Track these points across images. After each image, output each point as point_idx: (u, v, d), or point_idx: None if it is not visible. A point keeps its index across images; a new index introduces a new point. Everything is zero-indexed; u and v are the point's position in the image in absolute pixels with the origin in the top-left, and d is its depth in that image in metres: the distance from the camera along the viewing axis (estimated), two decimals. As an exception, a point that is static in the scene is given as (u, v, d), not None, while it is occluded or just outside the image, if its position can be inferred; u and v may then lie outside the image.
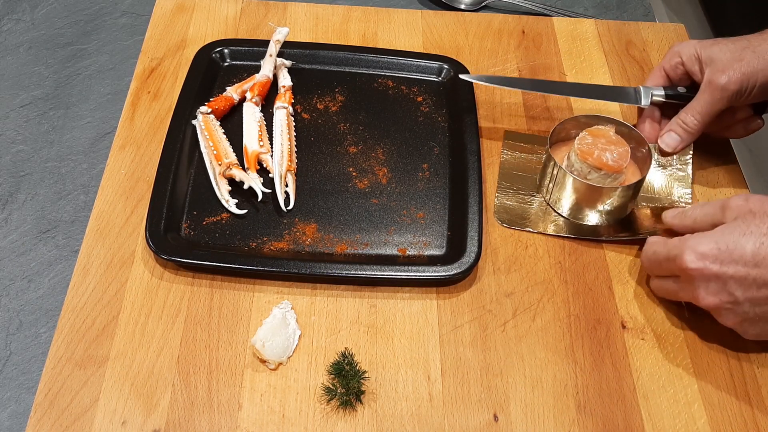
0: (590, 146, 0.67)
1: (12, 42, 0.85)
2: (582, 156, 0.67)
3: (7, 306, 0.64)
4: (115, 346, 0.60)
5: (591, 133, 0.68)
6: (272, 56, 0.78)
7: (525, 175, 0.74)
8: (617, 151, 0.67)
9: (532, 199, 0.72)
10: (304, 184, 0.71)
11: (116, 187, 0.70)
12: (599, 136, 0.68)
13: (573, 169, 0.68)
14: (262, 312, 0.63)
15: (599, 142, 0.67)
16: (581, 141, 0.68)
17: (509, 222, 0.70)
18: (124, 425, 0.56)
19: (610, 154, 0.67)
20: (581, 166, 0.67)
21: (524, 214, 0.71)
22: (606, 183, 0.67)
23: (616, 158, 0.67)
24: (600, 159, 0.66)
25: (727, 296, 0.57)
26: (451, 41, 0.87)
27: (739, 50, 0.67)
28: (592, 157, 0.67)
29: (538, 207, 0.71)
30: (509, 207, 0.71)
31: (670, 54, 0.73)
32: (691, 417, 0.59)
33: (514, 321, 0.64)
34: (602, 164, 0.66)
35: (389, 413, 0.58)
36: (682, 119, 0.71)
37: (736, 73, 0.66)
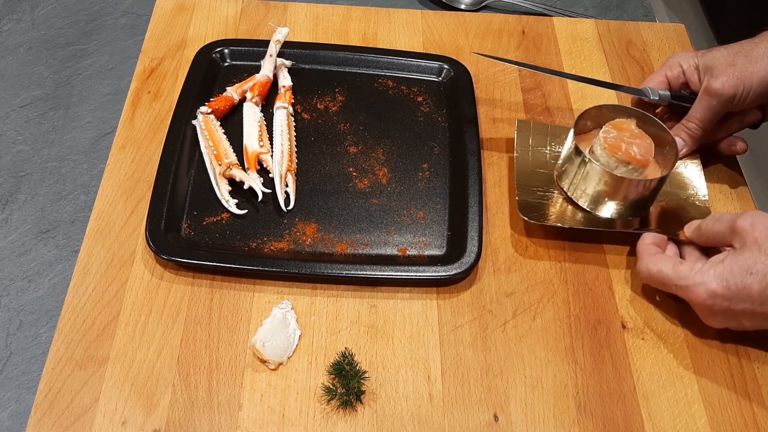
0: (617, 140, 0.67)
1: (12, 42, 0.85)
2: (610, 150, 0.67)
3: (8, 306, 0.64)
4: (115, 346, 0.60)
5: (615, 127, 0.68)
6: (272, 56, 0.78)
7: (541, 171, 0.73)
8: (643, 145, 0.67)
9: (552, 195, 0.71)
10: (304, 184, 0.71)
11: (116, 188, 0.70)
12: (623, 130, 0.68)
13: (599, 163, 0.67)
14: (262, 312, 0.63)
15: (624, 136, 0.67)
16: (606, 135, 0.68)
17: (536, 218, 0.68)
18: (125, 425, 0.56)
19: (636, 148, 0.66)
20: (608, 160, 0.67)
21: (546, 210, 0.70)
22: (633, 176, 0.67)
23: (643, 152, 0.66)
24: (628, 153, 0.66)
25: (735, 323, 0.59)
26: (451, 41, 0.87)
27: (732, 55, 0.69)
28: (621, 151, 0.66)
29: (559, 202, 0.71)
30: (533, 203, 0.70)
31: (671, 63, 0.74)
32: (692, 417, 0.59)
33: (514, 321, 0.64)
34: (630, 158, 0.66)
35: (389, 413, 0.58)
36: (684, 125, 0.72)
37: (730, 78, 0.68)
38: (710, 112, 0.70)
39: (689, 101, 0.72)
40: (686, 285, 0.59)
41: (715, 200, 0.74)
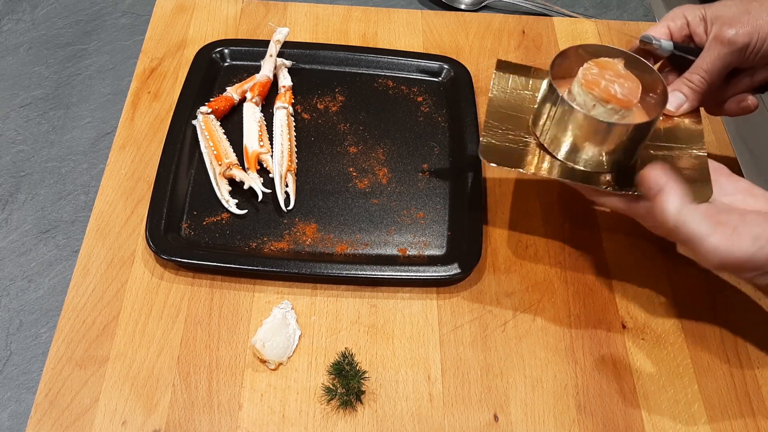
0: (596, 76, 0.60)
1: (12, 42, 0.85)
2: (587, 86, 0.59)
3: (8, 306, 0.64)
4: (115, 346, 0.60)
5: (597, 64, 0.61)
6: (272, 56, 0.78)
7: (517, 115, 0.65)
8: (627, 85, 0.59)
9: (524, 141, 0.63)
10: (304, 184, 0.71)
11: (116, 187, 0.70)
12: (607, 68, 0.61)
13: (576, 103, 0.60)
14: (263, 312, 0.63)
15: (607, 74, 0.60)
16: (586, 71, 0.60)
17: (498, 161, 0.60)
18: (125, 425, 0.56)
19: (619, 87, 0.59)
20: (585, 99, 0.60)
21: (514, 156, 0.62)
22: (613, 120, 0.59)
23: (626, 92, 0.59)
24: (608, 90, 0.59)
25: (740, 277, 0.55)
26: (451, 41, 0.87)
27: (747, 3, 0.63)
28: (599, 87, 0.59)
29: (531, 150, 0.63)
30: (498, 147, 0.62)
31: (674, 14, 0.66)
32: (692, 417, 0.59)
33: (514, 321, 0.64)
34: (610, 96, 0.58)
35: (389, 413, 0.58)
36: (687, 78, 0.65)
37: (745, 26, 0.61)
38: (719, 64, 0.63)
39: (695, 54, 0.65)
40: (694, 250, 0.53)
41: (715, 200, 0.74)
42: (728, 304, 0.66)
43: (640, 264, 0.68)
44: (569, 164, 0.62)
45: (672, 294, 0.66)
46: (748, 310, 0.66)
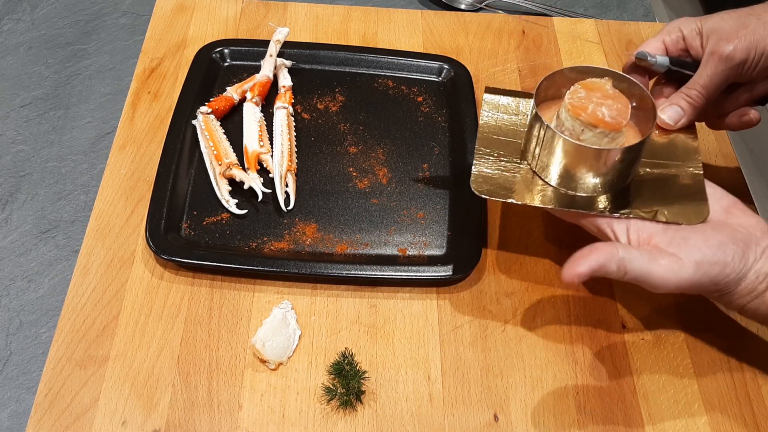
0: (583, 100, 0.58)
1: (12, 42, 0.85)
2: (574, 111, 0.57)
3: (8, 306, 0.64)
4: (115, 346, 0.60)
5: (585, 86, 0.59)
6: (272, 56, 0.78)
7: (508, 140, 0.64)
8: (616, 107, 0.57)
9: (516, 168, 0.62)
10: (304, 184, 0.71)
11: (116, 187, 0.70)
12: (594, 90, 0.59)
13: (563, 129, 0.59)
14: (263, 312, 0.63)
15: (594, 96, 0.58)
16: (573, 95, 0.58)
17: (489, 192, 0.60)
18: (125, 425, 0.56)
19: (607, 110, 0.57)
20: (573, 124, 0.58)
21: (506, 184, 0.61)
22: (602, 144, 0.58)
23: (614, 114, 0.57)
24: (595, 114, 0.57)
25: None
26: (451, 41, 0.87)
27: (744, 17, 0.61)
28: (586, 112, 0.57)
29: (523, 176, 0.62)
30: (489, 176, 0.61)
31: (670, 28, 0.66)
32: (692, 417, 0.59)
33: (514, 321, 0.64)
34: (598, 120, 0.57)
35: (389, 413, 0.58)
36: (685, 92, 0.64)
37: (742, 41, 0.60)
38: (717, 79, 0.62)
39: (691, 68, 0.64)
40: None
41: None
42: (728, 304, 0.66)
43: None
44: (562, 190, 0.61)
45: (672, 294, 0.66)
46: (748, 310, 0.65)
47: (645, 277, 0.53)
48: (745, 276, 0.54)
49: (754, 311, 0.55)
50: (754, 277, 0.54)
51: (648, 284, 0.54)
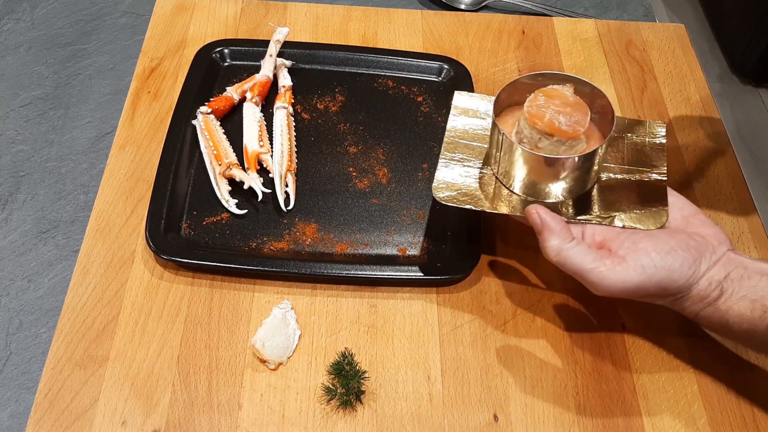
0: (541, 108, 0.57)
1: (12, 42, 0.85)
2: (530, 120, 0.57)
3: (7, 306, 0.64)
4: (115, 346, 0.60)
5: (545, 94, 0.59)
6: (272, 56, 0.78)
7: (474, 144, 0.64)
8: (574, 115, 0.57)
9: (480, 174, 0.62)
10: (304, 184, 0.71)
11: (116, 187, 0.70)
12: (554, 97, 0.58)
13: (523, 137, 0.59)
14: (262, 312, 0.63)
15: (553, 104, 0.58)
16: (532, 103, 0.58)
17: (450, 199, 0.60)
18: (124, 425, 0.56)
19: (564, 117, 0.57)
20: (531, 133, 0.58)
21: (468, 191, 0.61)
22: (560, 152, 0.58)
23: (572, 122, 0.57)
24: (551, 123, 0.57)
25: None
26: (451, 41, 0.87)
27: None
28: (542, 120, 0.57)
29: (486, 182, 0.62)
30: (451, 182, 0.61)
31: None
32: (691, 417, 0.59)
33: (514, 321, 0.64)
34: (554, 129, 0.57)
35: (389, 413, 0.58)
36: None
37: None
38: None
39: None
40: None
41: (714, 200, 0.74)
42: (728, 304, 0.66)
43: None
44: (524, 197, 0.61)
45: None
46: (748, 310, 0.65)
47: (583, 273, 0.54)
48: (696, 283, 0.54)
49: (708, 319, 0.55)
50: (706, 284, 0.54)
51: (586, 281, 0.55)
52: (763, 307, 0.53)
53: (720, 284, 0.54)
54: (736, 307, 0.53)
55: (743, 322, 0.53)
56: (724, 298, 0.54)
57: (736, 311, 0.53)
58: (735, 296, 0.54)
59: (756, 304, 0.53)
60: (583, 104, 0.59)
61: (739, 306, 0.53)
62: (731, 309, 0.54)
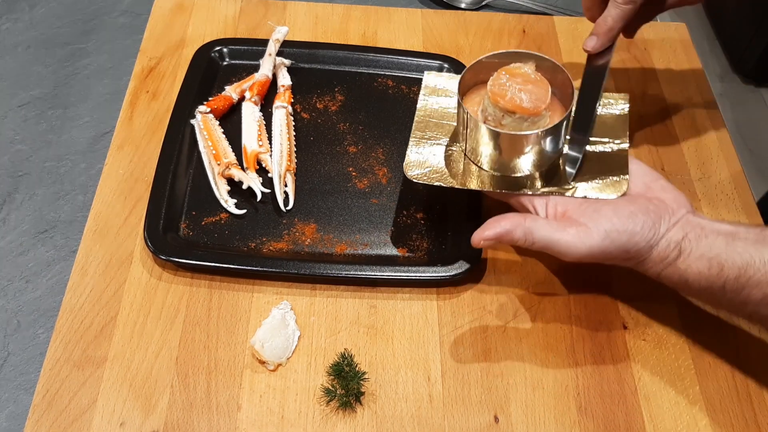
0: (503, 87, 0.59)
1: (10, 42, 0.85)
2: (493, 99, 0.59)
3: (5, 307, 0.63)
4: (113, 347, 0.60)
5: (507, 72, 0.61)
6: (271, 55, 0.78)
7: (443, 123, 0.66)
8: (535, 91, 0.59)
9: (450, 151, 0.64)
10: (303, 184, 0.71)
11: (114, 188, 0.70)
12: (516, 76, 0.60)
13: (487, 114, 0.61)
14: (262, 312, 0.62)
15: (515, 82, 0.60)
16: (494, 81, 0.60)
17: (419, 177, 0.62)
18: (123, 426, 0.56)
19: (526, 95, 0.59)
20: (494, 111, 0.60)
21: (438, 168, 0.63)
22: (523, 128, 0.59)
23: (533, 98, 0.59)
24: (513, 101, 0.59)
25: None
26: (451, 41, 0.87)
27: None
28: (504, 99, 0.59)
29: (455, 159, 0.63)
30: (422, 161, 0.63)
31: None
32: (693, 418, 0.59)
33: (514, 322, 0.63)
34: (515, 106, 0.58)
35: (389, 414, 0.58)
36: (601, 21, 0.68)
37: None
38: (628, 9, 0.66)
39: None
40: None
41: (716, 200, 0.74)
42: (730, 304, 0.66)
43: (641, 264, 0.68)
44: (492, 172, 0.63)
45: (673, 294, 0.66)
46: (749, 311, 0.65)
47: (551, 245, 0.57)
48: (656, 244, 0.57)
49: (669, 279, 0.58)
50: (666, 245, 0.57)
51: (555, 251, 0.57)
52: (719, 265, 0.55)
53: (678, 245, 0.56)
54: (694, 266, 0.56)
55: (701, 279, 0.55)
56: (683, 257, 0.56)
57: (695, 270, 0.56)
58: (693, 255, 0.56)
59: (713, 262, 0.55)
60: (544, 81, 0.61)
61: (697, 265, 0.55)
62: (690, 268, 0.56)
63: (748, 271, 0.54)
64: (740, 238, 0.55)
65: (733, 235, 0.56)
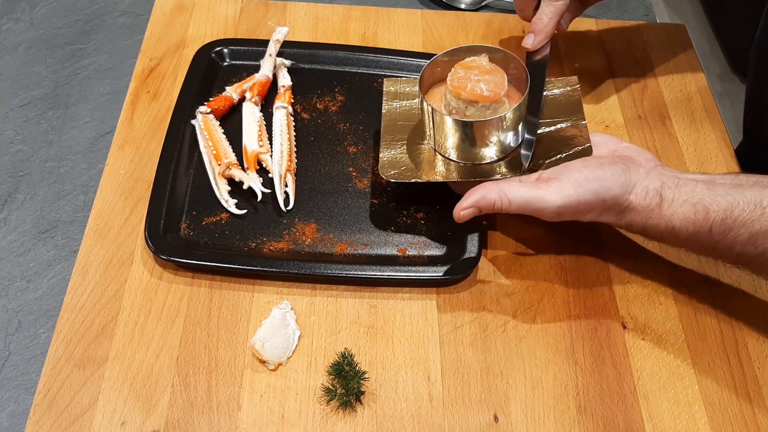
0: (462, 80, 0.64)
1: (11, 42, 0.85)
2: (455, 91, 0.63)
3: (6, 306, 0.64)
4: (114, 347, 0.60)
5: (463, 66, 0.65)
6: (272, 56, 0.78)
7: (409, 123, 0.70)
8: (492, 80, 0.64)
9: (419, 149, 0.68)
10: (303, 184, 0.71)
11: (115, 187, 0.70)
12: (472, 68, 0.65)
13: (451, 108, 0.64)
14: (262, 312, 0.63)
15: (472, 74, 0.64)
16: (453, 76, 0.64)
17: (396, 176, 0.66)
18: (124, 426, 0.56)
19: (485, 84, 0.63)
20: (458, 103, 0.64)
21: (411, 165, 0.67)
22: (487, 115, 0.64)
23: (491, 87, 0.63)
24: (474, 91, 0.63)
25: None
26: (451, 41, 0.87)
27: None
28: (465, 90, 0.63)
29: (426, 156, 0.67)
30: (395, 160, 0.67)
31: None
32: (692, 417, 0.59)
33: (514, 321, 0.64)
34: (476, 96, 0.63)
35: (389, 414, 0.58)
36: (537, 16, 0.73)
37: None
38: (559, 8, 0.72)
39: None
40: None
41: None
42: (729, 304, 0.66)
43: (640, 264, 0.68)
44: (462, 163, 0.66)
45: (672, 294, 0.66)
46: (749, 311, 0.65)
47: (527, 203, 0.59)
48: (631, 191, 0.58)
49: (655, 229, 0.59)
50: (644, 192, 0.58)
51: (533, 209, 0.59)
52: (705, 209, 0.56)
53: (658, 192, 0.58)
54: (680, 212, 0.57)
55: (688, 225, 0.57)
56: (666, 204, 0.57)
57: (681, 216, 0.57)
58: (676, 202, 0.57)
59: (698, 207, 0.56)
60: (499, 69, 0.65)
61: (682, 210, 0.57)
62: (675, 214, 0.57)
63: (733, 212, 0.55)
64: (719, 184, 0.57)
65: (711, 182, 0.57)
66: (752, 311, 0.65)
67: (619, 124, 0.79)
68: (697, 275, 0.67)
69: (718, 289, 0.67)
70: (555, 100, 0.70)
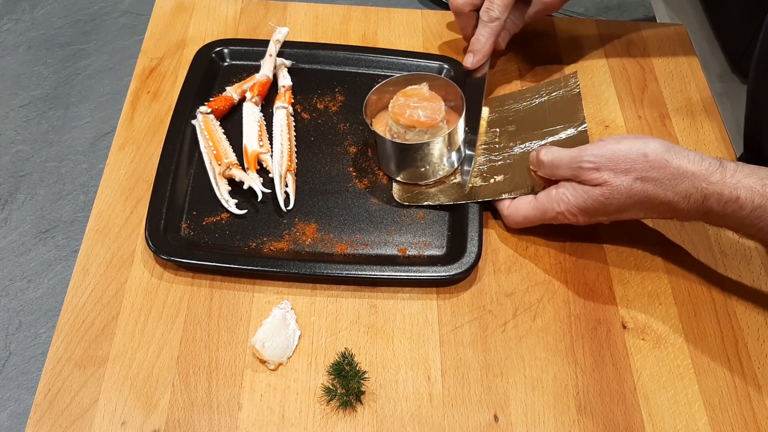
0: (402, 107, 0.68)
1: (11, 42, 0.85)
2: (394, 117, 0.68)
3: (7, 306, 0.64)
4: (114, 347, 0.60)
5: (404, 94, 0.70)
6: (272, 56, 0.78)
7: None
8: (430, 107, 0.68)
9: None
10: (304, 184, 0.71)
11: (116, 187, 0.70)
12: (412, 96, 0.69)
13: (393, 132, 0.69)
14: (262, 312, 0.63)
15: (411, 101, 0.69)
16: (394, 103, 0.69)
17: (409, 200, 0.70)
18: (124, 425, 0.56)
19: (422, 111, 0.68)
20: (397, 129, 0.69)
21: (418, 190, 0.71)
22: (424, 138, 0.68)
23: (428, 113, 0.68)
24: (411, 117, 0.68)
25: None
26: (451, 41, 0.87)
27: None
28: (404, 116, 0.68)
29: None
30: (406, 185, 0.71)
31: None
32: (692, 417, 0.59)
33: (514, 321, 0.64)
34: (414, 122, 0.67)
35: (389, 413, 0.58)
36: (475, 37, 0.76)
37: None
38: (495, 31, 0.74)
39: None
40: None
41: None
42: (729, 304, 0.66)
43: (640, 264, 0.68)
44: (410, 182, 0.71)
45: (672, 294, 0.66)
46: (749, 311, 0.65)
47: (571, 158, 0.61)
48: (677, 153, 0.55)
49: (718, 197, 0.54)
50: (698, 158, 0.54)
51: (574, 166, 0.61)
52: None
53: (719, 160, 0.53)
54: (745, 182, 0.52)
55: (755, 196, 0.52)
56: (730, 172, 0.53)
57: (747, 185, 0.52)
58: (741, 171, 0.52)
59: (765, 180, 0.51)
60: (437, 97, 0.70)
61: (748, 180, 0.52)
62: (740, 182, 0.52)
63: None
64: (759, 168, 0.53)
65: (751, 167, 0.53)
66: (752, 311, 0.65)
67: (619, 124, 0.79)
68: (697, 275, 0.68)
69: (718, 289, 0.67)
70: (555, 105, 0.71)
